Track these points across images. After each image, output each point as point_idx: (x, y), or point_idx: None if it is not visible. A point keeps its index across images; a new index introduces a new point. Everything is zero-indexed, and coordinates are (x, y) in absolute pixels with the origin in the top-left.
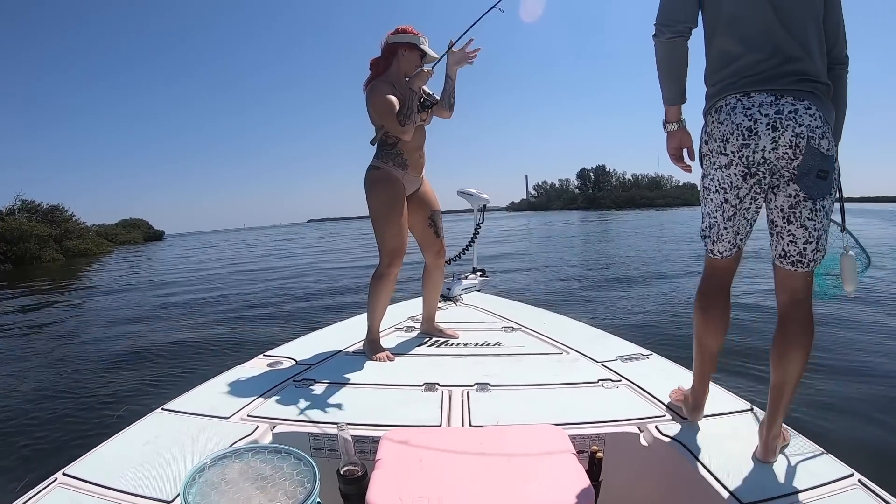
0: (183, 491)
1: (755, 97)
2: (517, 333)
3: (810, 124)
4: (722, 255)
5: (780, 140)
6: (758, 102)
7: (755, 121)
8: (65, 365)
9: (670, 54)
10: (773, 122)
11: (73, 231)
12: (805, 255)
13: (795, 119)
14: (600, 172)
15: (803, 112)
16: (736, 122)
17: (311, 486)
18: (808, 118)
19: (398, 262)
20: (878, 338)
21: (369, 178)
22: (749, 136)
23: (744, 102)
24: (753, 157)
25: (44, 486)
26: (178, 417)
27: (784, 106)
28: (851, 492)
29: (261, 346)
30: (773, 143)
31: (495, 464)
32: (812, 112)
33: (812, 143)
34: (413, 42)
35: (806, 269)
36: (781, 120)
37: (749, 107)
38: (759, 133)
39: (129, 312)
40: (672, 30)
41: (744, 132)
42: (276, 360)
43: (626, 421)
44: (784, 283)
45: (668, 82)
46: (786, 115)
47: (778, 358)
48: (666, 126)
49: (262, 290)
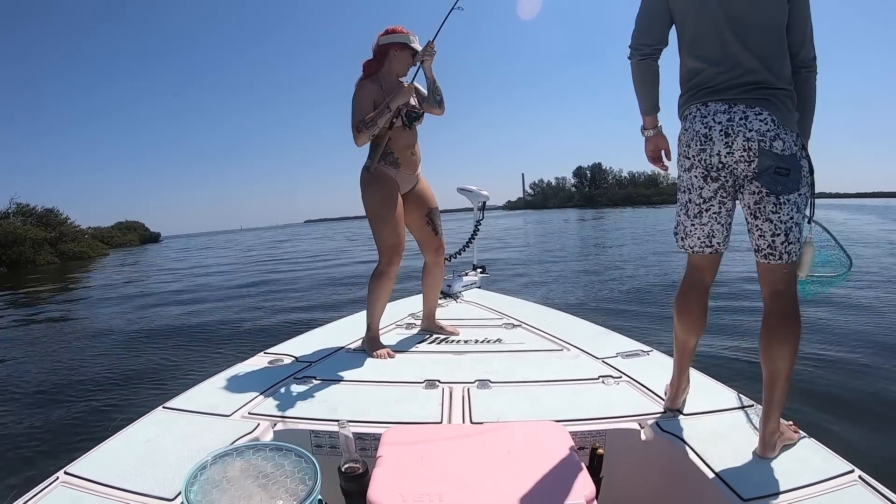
0: (184, 489)
1: (711, 106)
2: (518, 330)
3: (760, 129)
4: (693, 249)
5: (734, 145)
6: (713, 111)
7: (710, 128)
8: (65, 365)
9: (642, 73)
10: (726, 129)
11: (68, 234)
12: (776, 248)
13: (746, 125)
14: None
15: (753, 118)
16: (695, 129)
17: (313, 484)
18: (758, 123)
19: (397, 259)
20: (877, 334)
21: (363, 177)
22: (705, 142)
23: (702, 111)
24: (710, 160)
25: (45, 484)
26: (179, 415)
27: (735, 113)
28: (852, 488)
29: (261, 343)
30: (727, 147)
31: (496, 461)
32: (763, 117)
33: (763, 146)
34: (403, 41)
35: (779, 262)
36: (733, 126)
37: (706, 115)
38: (713, 139)
39: (126, 313)
40: (641, 53)
41: (701, 138)
42: (276, 357)
43: (627, 417)
44: (764, 277)
45: (641, 96)
46: (737, 121)
47: (764, 351)
48: (644, 132)
49: (262, 290)
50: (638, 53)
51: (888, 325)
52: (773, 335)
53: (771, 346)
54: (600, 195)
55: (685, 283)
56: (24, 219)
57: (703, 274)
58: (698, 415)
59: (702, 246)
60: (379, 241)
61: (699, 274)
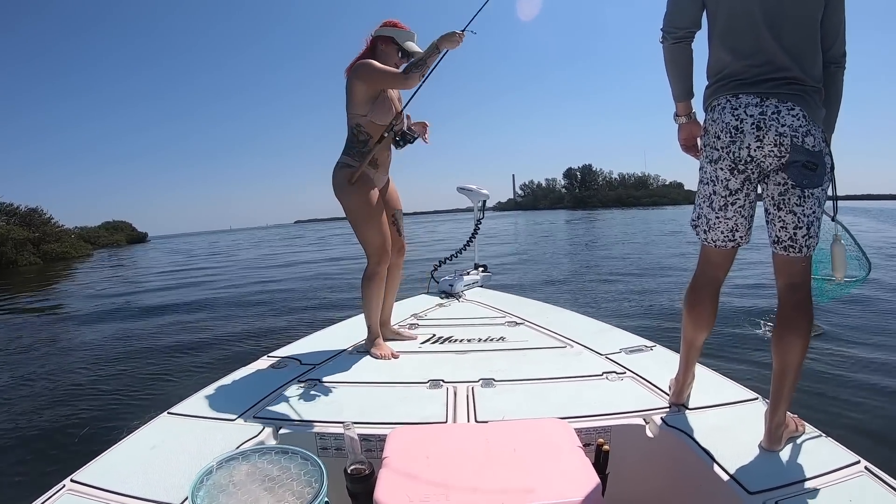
0: (191, 494)
1: (742, 98)
2: (521, 328)
3: (793, 124)
4: (716, 244)
5: (765, 139)
6: (744, 103)
7: (741, 120)
8: (66, 372)
9: (674, 57)
10: (758, 123)
11: (52, 234)
12: (796, 241)
13: (778, 119)
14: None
15: (786, 113)
16: (725, 120)
17: (319, 486)
18: (790, 118)
19: (387, 258)
20: (885, 326)
21: (342, 176)
22: (736, 134)
23: (732, 103)
24: (740, 153)
25: (52, 492)
26: (184, 421)
27: (768, 107)
28: (858, 478)
29: (264, 347)
30: (758, 141)
31: (502, 459)
32: (795, 112)
33: (796, 141)
34: (390, 35)
35: (798, 255)
36: (765, 120)
37: (736, 107)
38: (744, 132)
39: (120, 317)
40: (674, 35)
41: (731, 130)
42: (280, 360)
43: (632, 413)
44: (780, 268)
45: (674, 81)
46: (769, 115)
47: (776, 343)
48: (676, 119)
49: (262, 292)
50: (671, 37)
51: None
52: (786, 327)
53: (783, 338)
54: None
55: (697, 279)
56: (7, 218)
57: (718, 270)
58: (703, 409)
59: (725, 240)
60: (366, 242)
61: (713, 270)
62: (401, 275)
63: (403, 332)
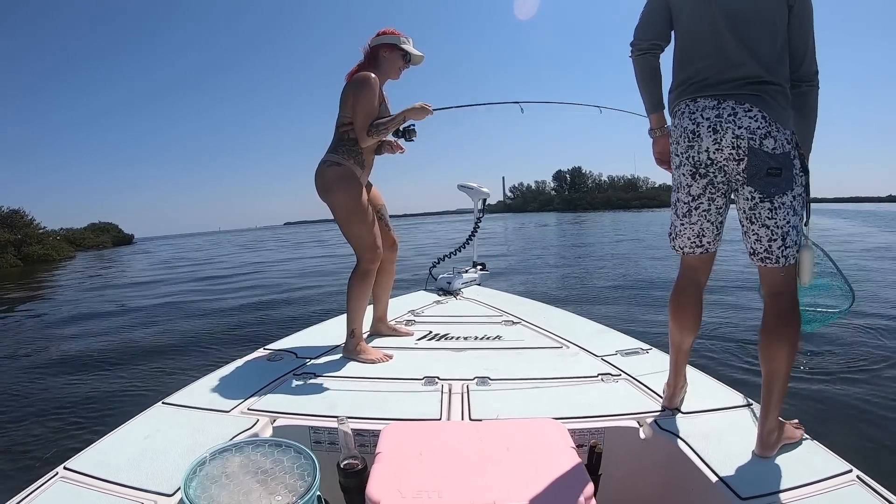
0: (183, 484)
1: (700, 102)
2: (517, 327)
3: (750, 126)
4: (683, 250)
5: (723, 141)
6: (702, 107)
7: (698, 124)
8: (63, 360)
9: (641, 69)
10: (714, 125)
11: (33, 236)
12: (772, 252)
13: (735, 122)
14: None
15: (743, 115)
16: (683, 125)
17: (312, 480)
18: (747, 120)
19: (379, 256)
20: (877, 334)
21: (331, 174)
22: (693, 138)
23: (690, 107)
24: (699, 157)
25: (45, 480)
26: (179, 411)
27: (724, 110)
28: (850, 487)
29: (261, 339)
30: (716, 144)
31: (495, 458)
32: (753, 114)
33: (753, 144)
34: (393, 42)
35: (777, 265)
36: (721, 123)
37: (694, 111)
38: (701, 135)
39: (115, 311)
40: (639, 47)
41: (689, 135)
42: (276, 353)
43: (626, 415)
44: (763, 278)
45: (643, 93)
46: (725, 118)
47: (762, 350)
48: (650, 133)
49: (261, 286)
50: (636, 49)
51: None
52: (771, 335)
53: (769, 346)
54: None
55: (679, 283)
56: None
57: (697, 273)
58: (697, 413)
59: (692, 246)
60: (358, 239)
61: (693, 273)
62: (394, 270)
63: (400, 329)
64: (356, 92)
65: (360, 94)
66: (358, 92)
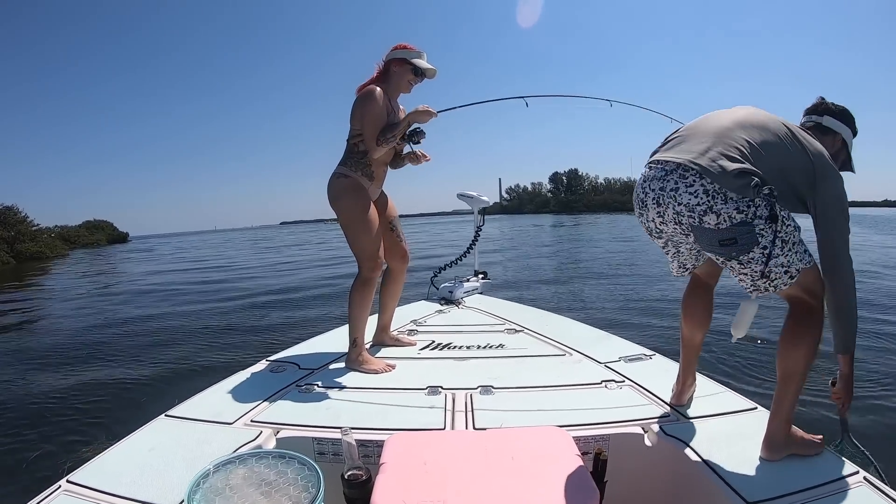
0: (187, 497)
1: (651, 171)
2: (520, 335)
3: (689, 203)
4: (675, 272)
5: (665, 216)
6: (650, 177)
7: (646, 194)
8: (64, 372)
9: None
10: (658, 198)
11: (26, 233)
12: (758, 286)
13: (675, 198)
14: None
15: (684, 190)
16: (636, 192)
17: (316, 491)
18: (687, 196)
19: (380, 266)
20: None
21: (338, 185)
22: (642, 207)
23: (645, 174)
24: (649, 225)
25: (48, 493)
26: (182, 423)
27: (668, 182)
28: (858, 489)
29: (264, 351)
30: (660, 217)
31: (500, 467)
32: (694, 189)
33: (692, 222)
34: (403, 56)
35: (775, 293)
36: (664, 197)
37: (645, 180)
38: (647, 206)
39: (117, 317)
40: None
41: (639, 203)
42: (279, 364)
43: (630, 422)
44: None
45: None
46: (668, 192)
47: (780, 350)
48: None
49: (264, 295)
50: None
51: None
52: (786, 335)
53: (782, 346)
54: (576, 201)
55: (690, 284)
56: None
57: (704, 277)
58: (702, 418)
59: (679, 272)
60: (360, 249)
61: (703, 278)
62: (404, 280)
63: (402, 339)
64: (362, 105)
65: (366, 107)
66: (363, 105)
